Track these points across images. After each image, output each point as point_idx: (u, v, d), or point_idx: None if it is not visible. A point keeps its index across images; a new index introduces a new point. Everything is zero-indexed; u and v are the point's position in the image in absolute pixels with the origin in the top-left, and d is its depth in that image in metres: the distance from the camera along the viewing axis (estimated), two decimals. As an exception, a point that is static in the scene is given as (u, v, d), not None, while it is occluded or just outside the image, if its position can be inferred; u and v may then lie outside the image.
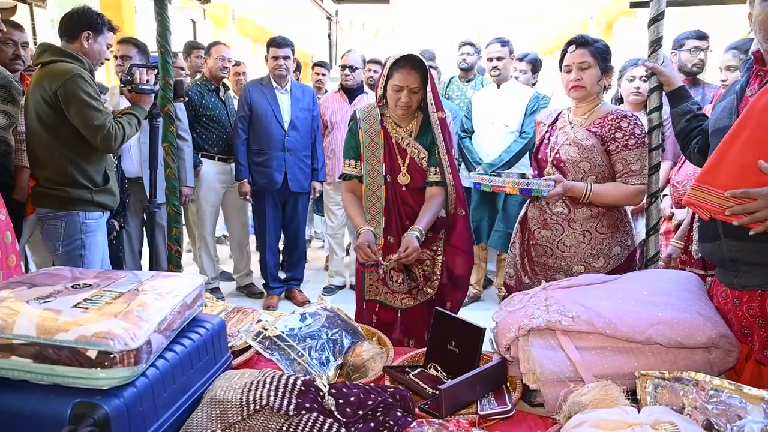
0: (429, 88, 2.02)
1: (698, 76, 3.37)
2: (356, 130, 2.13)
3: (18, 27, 2.83)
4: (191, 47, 4.37)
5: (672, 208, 2.60)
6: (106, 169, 2.48)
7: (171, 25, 2.32)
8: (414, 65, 1.98)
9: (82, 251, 2.43)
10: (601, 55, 1.93)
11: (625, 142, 1.91)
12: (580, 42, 1.94)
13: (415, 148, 2.11)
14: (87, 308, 1.07)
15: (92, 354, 0.97)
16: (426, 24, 10.03)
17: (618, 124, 1.92)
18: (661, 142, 1.97)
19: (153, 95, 2.49)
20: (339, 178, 2.25)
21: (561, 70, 2.02)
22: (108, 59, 2.69)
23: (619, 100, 3.08)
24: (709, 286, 1.57)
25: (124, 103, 2.84)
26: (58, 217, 2.39)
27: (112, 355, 0.97)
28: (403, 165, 2.11)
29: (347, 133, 2.18)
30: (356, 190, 2.18)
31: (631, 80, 2.90)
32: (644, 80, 2.74)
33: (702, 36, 3.25)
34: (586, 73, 1.92)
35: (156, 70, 2.52)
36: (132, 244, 3.45)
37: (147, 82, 2.51)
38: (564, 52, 1.99)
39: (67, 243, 2.42)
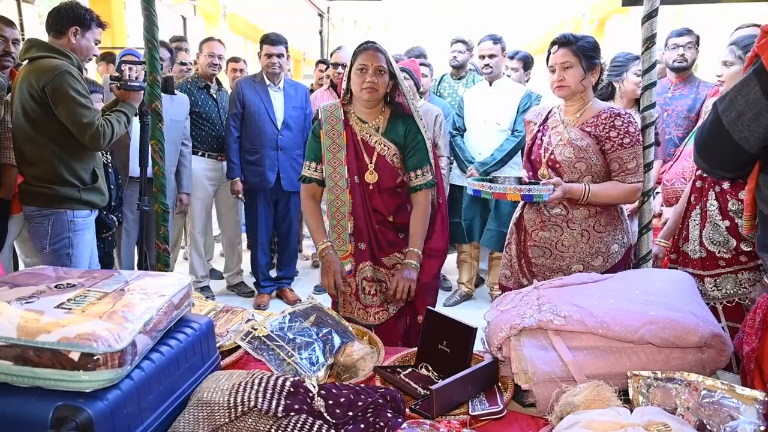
0: (402, 77, 2.01)
1: (694, 74, 3.38)
2: (318, 131, 2.05)
3: (9, 23, 2.78)
4: (173, 40, 4.30)
5: (662, 206, 2.59)
6: (95, 167, 2.46)
7: (159, 21, 2.28)
8: (378, 49, 1.96)
9: (69, 250, 2.40)
10: (585, 53, 1.92)
11: (620, 141, 1.90)
12: (562, 42, 1.94)
13: (384, 145, 2.02)
14: (70, 309, 1.05)
15: (75, 356, 0.94)
16: (418, 21, 10.02)
17: (612, 123, 1.91)
18: (653, 141, 1.97)
19: (142, 92, 2.44)
20: (298, 180, 2.18)
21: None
22: (96, 55, 2.65)
23: (610, 95, 3.01)
24: (756, 306, 1.39)
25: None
26: (45, 215, 2.36)
27: (95, 357, 0.95)
28: (371, 163, 2.02)
29: (310, 134, 2.11)
30: (316, 194, 2.12)
31: (638, 74, 2.80)
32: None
33: (681, 33, 3.25)
34: (568, 72, 1.92)
35: (145, 66, 2.43)
36: (130, 244, 3.42)
37: (136, 78, 2.46)
38: (549, 53, 1.99)
39: (55, 242, 2.39)
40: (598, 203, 1.95)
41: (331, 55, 4.16)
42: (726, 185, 1.95)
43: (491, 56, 3.59)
